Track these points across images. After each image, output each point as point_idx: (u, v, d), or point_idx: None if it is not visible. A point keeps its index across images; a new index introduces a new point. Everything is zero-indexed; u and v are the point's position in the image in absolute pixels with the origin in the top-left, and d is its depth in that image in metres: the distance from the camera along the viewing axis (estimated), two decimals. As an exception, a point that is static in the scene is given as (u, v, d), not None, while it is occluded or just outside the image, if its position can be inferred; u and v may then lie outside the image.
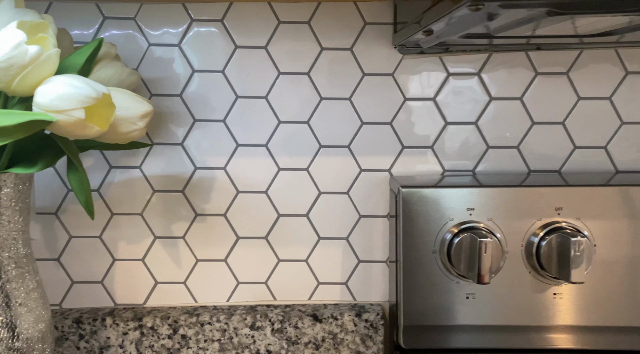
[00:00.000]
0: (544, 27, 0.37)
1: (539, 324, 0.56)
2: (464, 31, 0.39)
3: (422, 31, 0.40)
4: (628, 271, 0.55)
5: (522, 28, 0.40)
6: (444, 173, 0.67)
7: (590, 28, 0.38)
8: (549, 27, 0.38)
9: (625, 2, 0.27)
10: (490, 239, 0.51)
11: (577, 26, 0.37)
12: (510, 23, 0.35)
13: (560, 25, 0.37)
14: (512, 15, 0.31)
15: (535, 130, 0.66)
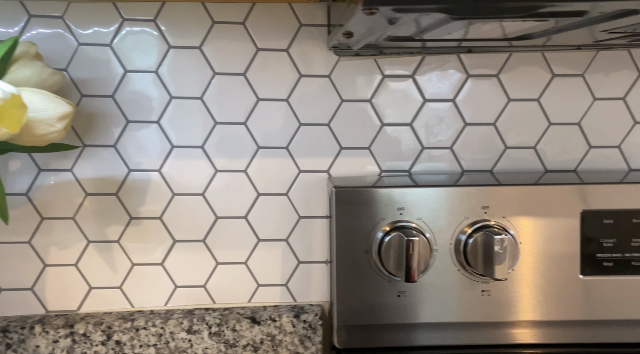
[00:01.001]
0: (457, 30, 0.38)
1: (467, 321, 0.57)
2: (381, 34, 0.40)
3: (342, 33, 0.40)
4: (552, 268, 0.57)
5: (439, 31, 0.41)
6: (382, 173, 0.68)
7: (502, 32, 0.39)
8: (460, 31, 0.39)
9: (513, 9, 0.28)
10: (418, 238, 0.52)
11: (487, 30, 0.38)
12: (420, 27, 0.35)
13: (473, 29, 0.38)
14: (413, 19, 0.31)
15: (468, 131, 0.67)
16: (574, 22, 0.39)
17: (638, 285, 0.57)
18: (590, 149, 0.68)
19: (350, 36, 0.40)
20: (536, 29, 0.44)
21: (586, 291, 0.57)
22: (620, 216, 0.57)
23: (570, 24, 0.40)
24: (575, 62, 0.66)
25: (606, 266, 0.57)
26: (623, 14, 0.34)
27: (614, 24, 0.38)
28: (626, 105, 0.67)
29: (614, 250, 0.57)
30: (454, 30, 0.37)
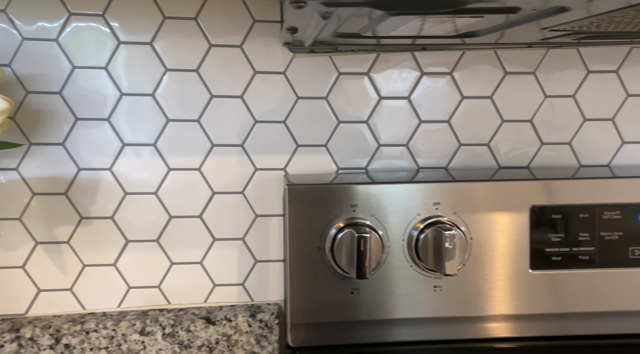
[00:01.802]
0: (398, 26, 0.38)
1: (420, 317, 0.58)
2: (325, 30, 0.39)
3: (286, 29, 0.40)
4: (503, 263, 0.58)
5: (382, 28, 0.41)
6: (339, 171, 0.68)
7: (446, 28, 0.39)
8: (404, 27, 0.39)
9: (440, 4, 0.28)
10: (369, 235, 0.53)
11: (429, 26, 0.38)
12: (359, 23, 0.35)
13: (414, 25, 0.38)
14: (349, 14, 0.31)
15: (423, 128, 0.68)
16: (514, 19, 0.40)
17: (585, 278, 0.59)
18: (543, 146, 0.69)
19: (295, 31, 0.40)
20: (481, 26, 0.45)
21: (536, 286, 0.58)
22: (568, 211, 0.58)
23: (511, 21, 0.41)
24: (526, 60, 0.67)
25: (555, 261, 0.58)
26: (556, 11, 0.34)
27: (551, 21, 0.39)
28: (576, 103, 0.69)
29: (562, 245, 0.58)
30: (395, 26, 0.37)
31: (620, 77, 0.68)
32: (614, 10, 0.31)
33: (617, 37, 0.63)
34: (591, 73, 0.68)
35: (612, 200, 0.58)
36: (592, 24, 0.41)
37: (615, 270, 0.58)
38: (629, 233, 0.58)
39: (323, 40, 0.55)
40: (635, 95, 0.68)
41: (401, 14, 0.30)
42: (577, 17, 0.34)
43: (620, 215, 0.58)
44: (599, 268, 0.58)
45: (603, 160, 0.70)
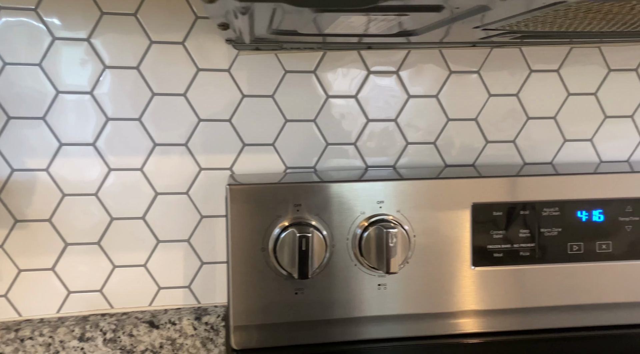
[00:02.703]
0: (328, 24, 0.38)
1: (365, 316, 0.58)
2: (258, 27, 0.39)
3: (217, 25, 0.39)
4: (445, 260, 0.59)
5: (315, 25, 0.40)
6: (287, 170, 0.67)
7: (378, 27, 0.39)
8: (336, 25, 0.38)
9: (354, 1, 0.28)
10: (310, 234, 0.52)
11: (358, 25, 0.38)
12: (287, 20, 0.35)
13: (342, 23, 0.38)
14: (269, 10, 0.31)
15: (371, 127, 0.67)
16: (444, 18, 0.40)
17: (526, 274, 0.60)
18: (488, 144, 0.70)
19: (226, 28, 0.39)
20: (415, 25, 0.45)
21: (478, 282, 0.59)
22: (508, 208, 0.59)
23: (442, 19, 0.41)
24: (471, 59, 0.68)
25: (496, 257, 0.59)
26: (478, 9, 0.34)
27: (478, 20, 0.39)
28: (519, 102, 0.70)
29: (504, 242, 0.59)
30: (326, 23, 0.36)
31: (561, 76, 0.70)
32: (531, 10, 0.31)
33: (555, 37, 0.64)
34: (534, 73, 0.69)
35: (551, 197, 0.59)
36: (521, 24, 0.41)
37: (555, 265, 0.60)
38: (568, 229, 0.60)
39: (264, 38, 0.55)
40: (575, 94, 0.70)
41: (320, 11, 0.30)
42: (500, 17, 0.34)
43: (560, 212, 0.60)
44: (539, 264, 0.60)
45: (546, 157, 0.71)
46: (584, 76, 0.70)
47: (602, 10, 0.31)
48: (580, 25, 0.38)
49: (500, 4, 0.30)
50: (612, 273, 0.60)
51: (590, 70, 0.70)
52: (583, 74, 0.70)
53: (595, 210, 0.60)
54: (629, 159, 0.72)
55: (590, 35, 0.65)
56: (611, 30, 0.43)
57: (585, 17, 0.34)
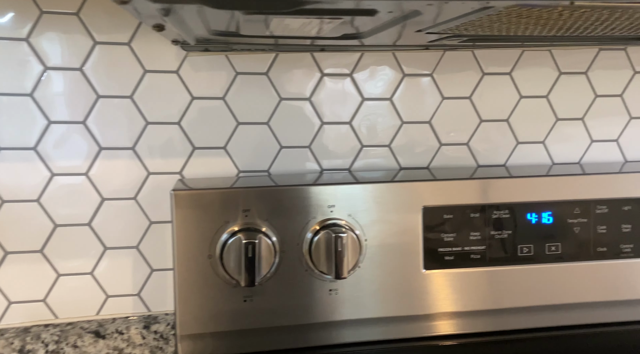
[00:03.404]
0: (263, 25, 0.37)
1: (316, 322, 0.57)
2: (194, 27, 0.37)
3: (151, 26, 0.38)
4: (397, 263, 0.58)
5: (248, 27, 0.39)
6: (239, 174, 0.66)
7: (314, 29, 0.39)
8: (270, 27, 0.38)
9: (276, 4, 0.27)
10: (257, 240, 0.51)
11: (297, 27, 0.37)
12: (218, 22, 0.34)
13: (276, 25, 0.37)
14: (194, 11, 0.30)
15: (325, 130, 0.67)
16: (383, 22, 0.40)
17: (477, 277, 0.60)
18: (442, 147, 0.70)
19: (161, 29, 0.38)
20: (358, 29, 0.44)
21: (429, 285, 0.59)
22: (459, 211, 0.59)
23: (381, 23, 0.40)
24: (424, 62, 0.68)
25: (447, 260, 0.59)
26: (412, 14, 0.34)
27: (417, 24, 0.39)
28: (472, 104, 0.70)
29: (455, 244, 0.60)
30: (260, 25, 0.35)
31: (514, 79, 0.70)
32: (463, 15, 0.31)
33: (504, 41, 0.65)
34: (486, 76, 0.70)
35: (502, 200, 0.60)
36: (461, 27, 0.41)
37: (505, 267, 0.60)
38: (517, 232, 0.60)
39: (210, 39, 0.53)
40: (527, 96, 0.71)
41: (246, 14, 0.29)
42: (436, 22, 0.34)
43: (510, 214, 0.60)
44: (490, 267, 0.60)
45: (500, 160, 0.72)
46: (535, 79, 0.71)
47: (532, 15, 0.31)
48: (518, 29, 0.39)
49: (431, 9, 0.30)
50: (561, 275, 0.61)
51: (541, 73, 0.71)
52: (535, 77, 0.71)
53: (544, 212, 0.61)
54: (580, 161, 0.73)
55: (540, 39, 0.66)
56: (551, 34, 0.43)
57: (519, 22, 0.34)
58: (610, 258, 0.61)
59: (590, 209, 0.61)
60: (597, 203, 0.61)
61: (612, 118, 0.73)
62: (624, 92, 0.72)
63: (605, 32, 0.50)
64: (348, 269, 0.54)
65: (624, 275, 0.62)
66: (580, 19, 0.33)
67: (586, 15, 0.31)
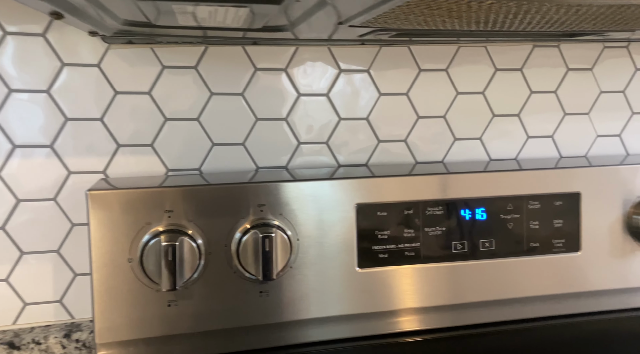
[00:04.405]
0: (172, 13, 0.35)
1: (247, 325, 0.55)
2: (99, 16, 0.35)
3: (49, 14, 0.35)
4: (331, 263, 0.57)
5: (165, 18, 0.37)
6: (168, 172, 0.64)
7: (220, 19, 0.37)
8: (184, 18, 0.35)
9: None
10: (177, 242, 0.49)
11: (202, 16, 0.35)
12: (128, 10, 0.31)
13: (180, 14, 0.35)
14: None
15: (260, 126, 0.64)
16: (299, 13, 0.38)
17: (412, 273, 0.59)
18: (380, 143, 0.70)
19: (59, 17, 0.35)
20: (272, 20, 0.43)
21: (364, 284, 0.58)
22: (393, 208, 0.59)
23: (299, 13, 0.39)
24: (360, 57, 0.67)
25: (382, 258, 0.59)
26: (319, 4, 0.33)
27: (334, 16, 0.37)
28: (409, 101, 0.70)
29: (389, 242, 0.59)
30: (164, 13, 0.33)
31: (450, 76, 0.70)
32: (373, 6, 0.30)
33: (437, 36, 0.64)
34: (423, 72, 0.69)
35: (435, 196, 0.60)
36: (380, 19, 0.40)
37: (439, 264, 0.60)
38: (451, 228, 0.60)
39: (128, 30, 0.50)
40: (464, 93, 0.71)
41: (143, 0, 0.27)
42: (348, 14, 0.33)
43: (443, 211, 0.60)
44: (424, 264, 0.60)
45: (437, 156, 0.72)
46: (471, 75, 0.71)
47: (442, 7, 0.30)
48: (437, 22, 0.38)
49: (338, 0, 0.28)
50: (495, 271, 0.61)
51: (477, 69, 0.71)
52: (471, 73, 0.71)
53: (478, 208, 0.61)
54: (516, 157, 0.74)
55: (473, 35, 0.66)
56: (473, 29, 0.43)
57: (433, 14, 0.33)
58: (543, 253, 0.62)
59: (523, 205, 0.61)
60: (530, 199, 0.61)
61: (547, 114, 0.74)
62: (558, 88, 0.73)
63: (530, 27, 0.50)
64: (277, 270, 0.52)
65: (556, 269, 0.62)
66: (491, 12, 0.32)
67: (495, 8, 0.31)
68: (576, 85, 0.74)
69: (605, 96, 0.75)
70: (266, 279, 0.51)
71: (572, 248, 0.62)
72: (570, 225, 0.62)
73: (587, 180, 0.63)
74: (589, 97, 0.75)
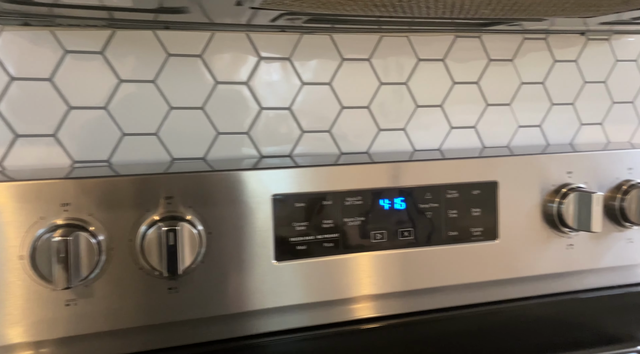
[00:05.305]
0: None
1: (155, 323, 0.52)
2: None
3: None
4: (246, 256, 0.54)
5: None
6: (74, 164, 0.60)
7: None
8: None
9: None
10: (71, 237, 0.46)
11: None
12: None
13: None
14: None
15: (175, 115, 0.61)
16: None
17: (331, 265, 0.58)
18: (304, 134, 0.68)
19: None
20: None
21: (281, 277, 0.56)
22: (311, 199, 0.57)
23: None
24: (280, 45, 0.65)
25: (300, 250, 0.57)
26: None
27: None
28: (333, 90, 0.69)
29: (307, 233, 0.57)
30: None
31: (373, 66, 0.70)
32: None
33: (355, 24, 0.64)
34: (345, 61, 0.68)
35: (354, 186, 0.59)
36: (285, 1, 0.39)
37: (359, 254, 0.59)
38: (370, 218, 0.59)
39: (15, 10, 0.47)
40: (387, 83, 0.71)
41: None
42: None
43: (362, 201, 0.59)
44: (343, 254, 0.58)
45: (362, 147, 0.71)
46: (394, 65, 0.70)
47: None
48: (338, 7, 0.37)
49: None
50: (415, 260, 0.61)
51: (400, 59, 0.70)
52: (394, 64, 0.70)
53: (397, 198, 0.60)
54: (440, 147, 0.74)
55: (395, 23, 0.65)
56: (371, 15, 0.42)
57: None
58: (461, 242, 0.62)
59: (441, 194, 0.61)
60: (448, 188, 0.61)
61: (469, 105, 0.74)
62: (480, 79, 0.74)
63: (427, 12, 0.50)
64: (185, 265, 0.49)
65: (474, 258, 0.63)
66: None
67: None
68: (498, 76, 0.75)
69: (526, 87, 0.77)
70: (171, 274, 0.48)
71: (490, 236, 0.63)
72: (488, 213, 0.63)
73: (504, 169, 0.64)
74: (510, 88, 0.76)
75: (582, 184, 0.66)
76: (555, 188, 0.66)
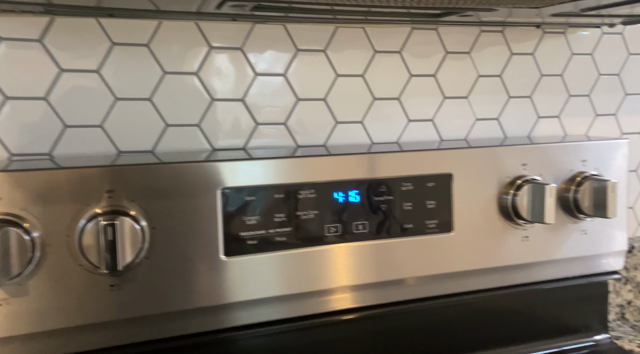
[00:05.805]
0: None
1: (96, 322, 0.49)
2: None
3: None
4: (193, 251, 0.52)
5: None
6: (11, 157, 0.57)
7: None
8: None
9: None
10: (1, 233, 0.43)
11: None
12: None
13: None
14: None
15: (120, 106, 0.59)
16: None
17: (283, 260, 0.57)
18: (258, 126, 0.67)
19: None
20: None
21: (230, 273, 0.55)
22: (262, 192, 0.56)
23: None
24: (232, 35, 0.63)
25: (251, 245, 0.55)
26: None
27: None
28: (288, 82, 0.67)
29: (258, 228, 0.56)
30: None
31: (329, 57, 0.69)
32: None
33: (314, 13, 0.62)
34: (300, 52, 0.67)
35: (306, 179, 0.57)
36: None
37: (312, 248, 0.58)
38: (324, 211, 0.58)
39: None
40: (343, 75, 0.69)
41: None
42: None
43: (316, 194, 0.58)
44: (296, 249, 0.57)
45: (319, 140, 0.70)
46: (350, 57, 0.69)
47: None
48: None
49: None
50: (369, 253, 0.60)
51: (356, 51, 0.69)
52: (350, 55, 0.69)
53: (351, 191, 0.59)
54: (398, 140, 0.74)
55: (349, 13, 0.64)
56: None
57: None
58: (416, 235, 0.62)
59: (395, 186, 0.61)
60: (402, 181, 0.61)
61: (427, 98, 0.74)
62: (437, 71, 0.74)
63: (399, 3, 0.49)
64: (126, 261, 0.47)
65: (429, 250, 0.63)
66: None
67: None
68: (455, 69, 0.75)
69: (483, 80, 0.77)
70: (111, 271, 0.46)
71: (444, 228, 0.62)
72: (443, 205, 0.62)
73: (459, 161, 0.63)
74: (468, 80, 0.76)
75: (536, 176, 0.67)
76: (510, 180, 0.66)
